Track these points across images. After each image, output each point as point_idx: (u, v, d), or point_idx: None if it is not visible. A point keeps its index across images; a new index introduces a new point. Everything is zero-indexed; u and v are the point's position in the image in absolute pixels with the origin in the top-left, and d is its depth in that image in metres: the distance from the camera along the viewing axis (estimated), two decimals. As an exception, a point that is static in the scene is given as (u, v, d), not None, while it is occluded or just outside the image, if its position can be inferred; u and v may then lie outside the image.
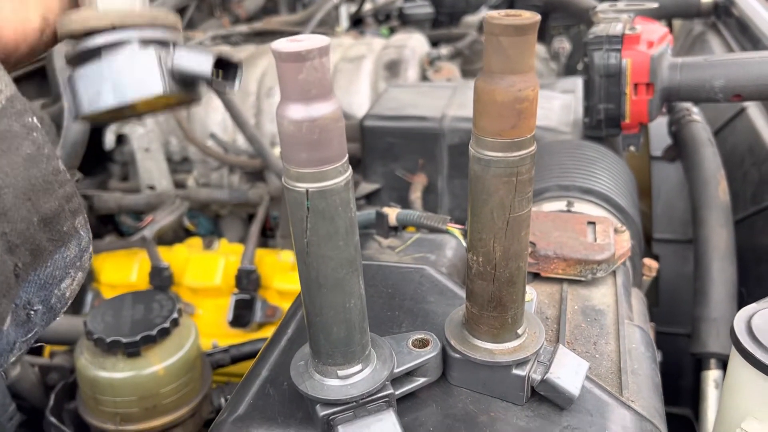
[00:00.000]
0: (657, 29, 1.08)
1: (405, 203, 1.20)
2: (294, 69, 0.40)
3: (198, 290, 1.50)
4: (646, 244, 1.56)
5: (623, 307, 0.74)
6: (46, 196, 0.42)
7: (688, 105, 1.33)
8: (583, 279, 0.76)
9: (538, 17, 0.43)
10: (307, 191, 0.43)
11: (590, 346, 0.68)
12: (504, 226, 0.49)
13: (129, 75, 0.51)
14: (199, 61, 0.52)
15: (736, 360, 0.65)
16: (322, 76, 0.41)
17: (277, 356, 0.62)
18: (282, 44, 0.40)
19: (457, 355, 0.54)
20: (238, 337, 1.43)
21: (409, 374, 0.54)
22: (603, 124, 1.07)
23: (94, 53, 0.52)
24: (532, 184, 0.49)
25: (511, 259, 0.50)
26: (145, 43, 0.52)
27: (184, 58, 0.52)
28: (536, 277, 0.78)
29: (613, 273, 0.79)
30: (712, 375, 1.03)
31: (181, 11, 2.25)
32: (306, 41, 0.40)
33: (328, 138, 0.42)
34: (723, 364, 1.03)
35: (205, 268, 1.49)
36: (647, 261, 0.91)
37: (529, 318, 0.57)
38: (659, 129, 1.55)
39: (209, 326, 1.48)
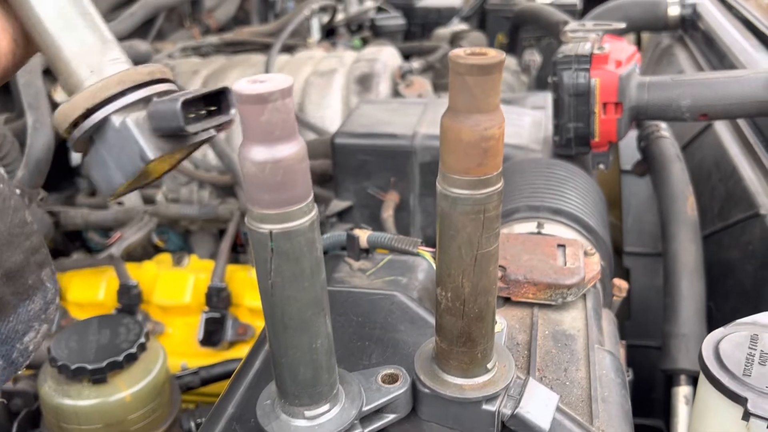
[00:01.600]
0: (625, 48, 1.09)
1: (377, 221, 1.19)
2: (256, 111, 0.39)
3: (167, 308, 1.48)
4: (617, 256, 1.58)
5: (593, 332, 0.74)
6: (10, 249, 0.41)
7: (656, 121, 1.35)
8: (553, 303, 0.76)
9: (503, 56, 0.43)
10: (270, 232, 0.42)
11: (561, 373, 0.67)
12: (472, 263, 0.48)
13: (120, 151, 0.51)
14: (168, 116, 0.52)
15: (704, 385, 0.66)
16: (286, 116, 0.40)
17: (243, 392, 0.60)
18: (243, 86, 0.39)
19: (427, 391, 0.53)
20: (208, 356, 1.41)
21: (379, 411, 0.54)
22: (572, 142, 1.07)
23: (89, 140, 0.52)
24: (500, 220, 0.48)
25: (480, 295, 0.50)
26: (122, 112, 0.52)
27: (155, 118, 0.52)
28: (507, 301, 0.78)
29: (584, 296, 0.79)
30: (682, 391, 1.04)
31: (150, 22, 2.22)
32: (268, 82, 0.39)
33: (292, 179, 0.41)
34: (693, 380, 1.04)
35: (175, 286, 1.47)
36: (617, 281, 0.91)
37: (499, 351, 0.56)
38: (629, 143, 1.56)
39: (179, 345, 1.46)
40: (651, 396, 1.36)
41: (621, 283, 0.91)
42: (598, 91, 1.02)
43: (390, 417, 0.54)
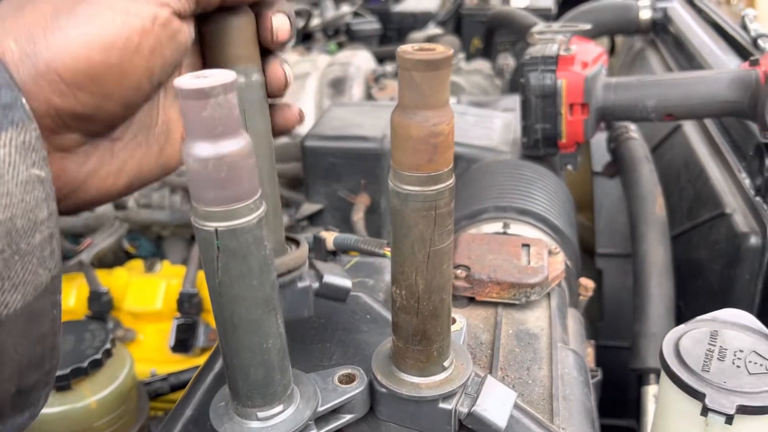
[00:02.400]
0: (592, 50, 1.10)
1: (348, 223, 1.19)
2: (198, 106, 0.38)
3: (139, 315, 1.46)
4: (590, 257, 1.59)
5: (557, 330, 0.74)
6: (33, 371, 0.40)
7: (626, 122, 1.36)
8: (517, 302, 0.76)
9: (450, 52, 0.43)
10: (216, 230, 0.41)
11: (523, 371, 0.67)
12: (425, 260, 0.48)
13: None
14: (339, 291, 0.62)
15: (665, 382, 0.66)
16: (228, 112, 0.39)
17: (202, 394, 0.60)
18: (185, 81, 0.39)
19: (384, 390, 0.53)
20: (180, 362, 1.39)
21: (336, 411, 0.53)
22: (540, 143, 1.08)
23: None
24: (452, 217, 0.48)
25: (434, 292, 0.49)
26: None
27: (328, 288, 0.61)
28: (472, 301, 0.78)
29: (548, 295, 0.79)
30: (651, 390, 1.05)
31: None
32: (210, 77, 0.39)
33: (237, 175, 0.40)
34: (662, 379, 1.04)
35: (146, 292, 1.45)
36: (583, 281, 0.92)
37: (457, 349, 0.56)
38: (600, 144, 1.58)
39: (151, 352, 1.44)
40: (625, 396, 1.36)
41: (587, 283, 0.92)
42: (565, 92, 1.03)
43: (347, 417, 0.53)
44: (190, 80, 0.39)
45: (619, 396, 1.31)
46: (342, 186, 1.20)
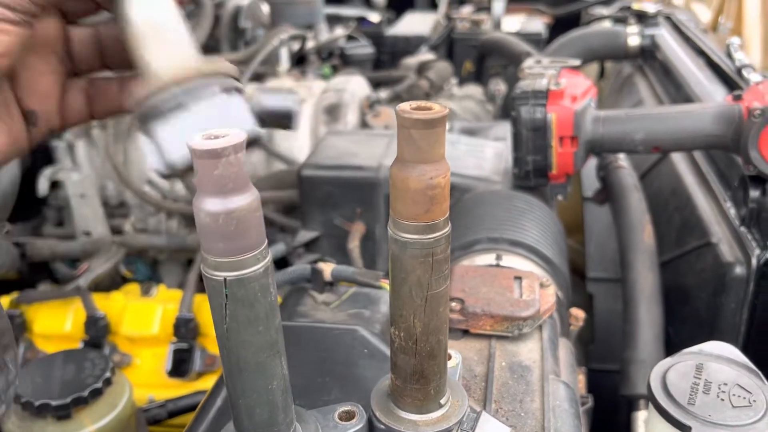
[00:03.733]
0: (581, 83, 1.14)
1: (343, 251, 1.21)
2: (210, 165, 0.41)
3: (135, 339, 1.47)
4: (581, 281, 1.61)
5: (549, 362, 0.76)
6: None
7: (614, 151, 1.39)
8: (510, 335, 0.78)
9: (446, 111, 0.46)
10: (225, 280, 0.43)
11: (516, 404, 0.70)
12: (423, 303, 0.50)
13: (218, 121, 0.54)
14: (284, 99, 0.57)
15: (653, 414, 0.68)
16: (238, 170, 0.42)
17: (204, 429, 0.61)
18: (198, 142, 0.41)
19: (382, 427, 0.55)
20: (177, 387, 1.40)
21: (335, 447, 0.55)
22: (531, 174, 1.11)
23: (178, 106, 0.55)
24: (448, 263, 0.50)
25: (431, 334, 0.52)
26: (227, 90, 0.56)
27: (270, 99, 0.57)
28: (465, 333, 0.80)
29: (540, 327, 0.81)
30: (641, 416, 1.07)
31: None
32: (222, 138, 0.41)
33: (245, 228, 0.43)
34: (651, 405, 1.07)
35: (143, 317, 1.47)
36: (574, 311, 0.94)
37: (453, 386, 0.58)
38: (590, 171, 1.61)
39: (147, 376, 1.45)
40: (616, 419, 1.38)
41: (578, 313, 0.94)
42: (555, 126, 1.06)
43: (347, 454, 0.55)
44: (202, 141, 0.41)
45: (609, 419, 1.33)
46: (338, 214, 1.22)
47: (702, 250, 1.12)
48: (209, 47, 2.79)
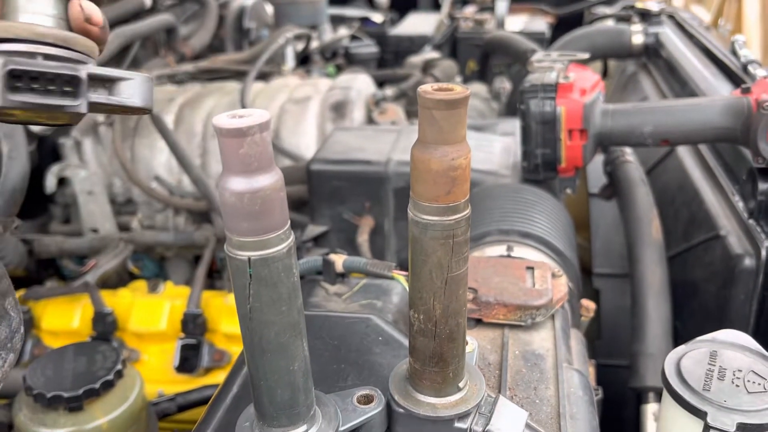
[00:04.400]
0: (589, 77, 1.14)
1: (352, 245, 1.21)
2: (235, 144, 0.41)
3: (143, 335, 1.47)
4: (587, 277, 1.61)
5: (562, 351, 0.76)
6: None
7: (621, 146, 1.39)
8: (523, 324, 0.79)
9: (468, 92, 0.46)
10: (249, 259, 0.44)
11: (531, 391, 0.70)
12: (443, 286, 0.51)
13: None
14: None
15: (667, 401, 0.69)
16: (263, 149, 0.42)
17: (222, 415, 0.62)
18: (223, 120, 0.41)
19: (401, 410, 0.55)
20: (184, 382, 1.40)
21: (355, 431, 0.55)
22: (540, 168, 1.11)
23: None
24: (468, 245, 0.51)
25: (451, 317, 0.52)
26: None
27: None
28: (479, 322, 0.80)
29: (552, 317, 0.81)
30: (650, 408, 1.07)
31: (125, 50, 2.24)
32: (247, 117, 0.41)
33: (270, 208, 0.43)
34: (661, 397, 1.07)
35: (150, 313, 1.47)
36: (585, 302, 0.94)
37: (470, 370, 0.58)
38: (596, 167, 1.61)
39: (155, 372, 1.45)
40: (623, 414, 1.39)
41: (588, 304, 0.94)
42: (564, 119, 1.06)
43: (365, 437, 0.56)
44: (227, 120, 0.41)
45: (616, 414, 1.33)
46: (346, 208, 1.22)
47: (710, 243, 1.12)
48: (214, 47, 2.81)
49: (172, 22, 2.32)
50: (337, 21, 3.15)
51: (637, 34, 2.08)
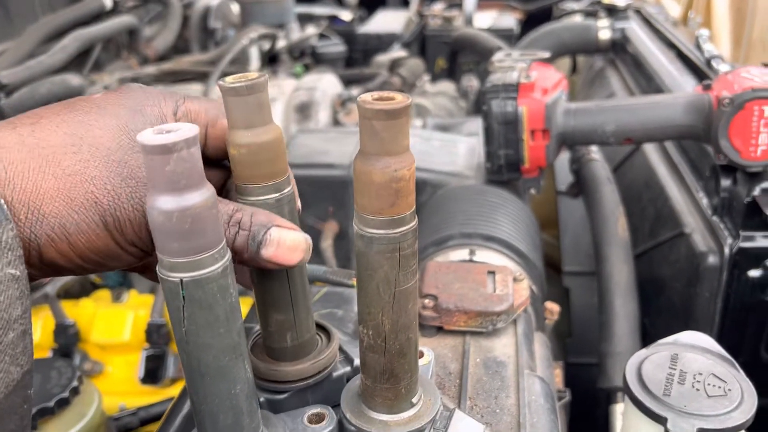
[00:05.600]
0: (552, 76, 1.13)
1: (317, 251, 1.19)
2: (161, 161, 0.39)
3: (106, 346, 1.44)
4: (557, 274, 1.61)
5: (524, 357, 0.75)
6: (7, 420, 0.40)
7: (586, 144, 1.39)
8: (484, 330, 0.77)
9: (409, 101, 0.44)
10: (181, 281, 0.41)
11: (491, 400, 0.68)
12: (390, 300, 0.49)
13: None
14: None
15: (628, 406, 0.68)
16: (192, 165, 0.40)
17: (171, 436, 0.59)
18: (147, 136, 0.39)
19: (353, 429, 0.53)
20: (150, 394, 1.37)
21: (305, 451, 0.53)
22: (504, 169, 1.10)
23: None
24: (416, 257, 0.49)
25: (401, 331, 0.50)
26: None
27: None
28: (440, 330, 0.79)
29: (515, 321, 0.80)
30: (619, 408, 1.07)
31: (86, 53, 2.19)
32: (173, 132, 0.39)
33: (201, 227, 0.41)
34: (629, 397, 1.06)
35: (113, 323, 1.43)
36: (549, 305, 0.93)
37: (425, 384, 0.57)
38: (564, 164, 1.61)
39: (120, 384, 1.42)
40: (596, 413, 1.39)
41: (553, 306, 0.93)
42: (526, 119, 1.05)
43: (317, 457, 0.54)
44: (152, 136, 0.39)
45: (588, 412, 1.33)
46: (310, 214, 1.20)
47: (675, 241, 1.12)
48: (179, 49, 2.76)
49: (134, 23, 2.28)
50: (305, 19, 3.12)
51: (604, 30, 2.08)
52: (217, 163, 0.56)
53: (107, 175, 0.46)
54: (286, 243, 0.49)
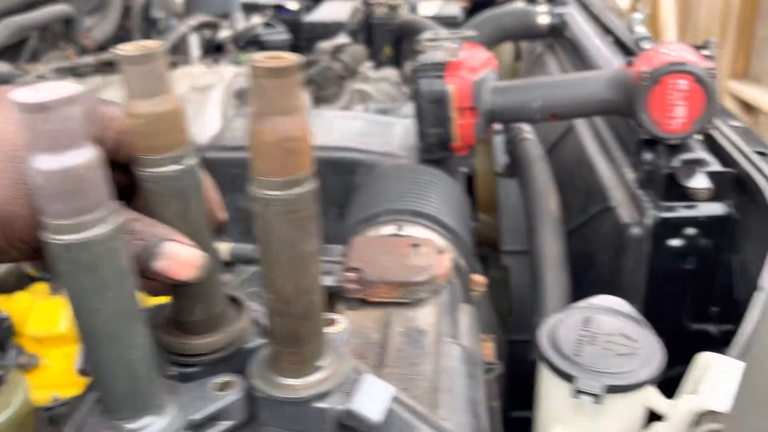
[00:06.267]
0: (480, 55, 1.14)
1: (251, 234, 1.18)
2: (40, 119, 0.38)
3: (42, 339, 1.41)
4: (498, 255, 1.64)
5: (445, 326, 0.76)
6: None
7: (520, 124, 1.41)
8: (407, 301, 0.78)
9: (297, 59, 0.44)
10: (66, 244, 0.41)
11: (410, 367, 0.69)
12: (290, 263, 0.49)
13: None
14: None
15: (542, 368, 0.69)
16: (73, 124, 0.39)
17: (85, 411, 0.58)
18: (25, 94, 0.38)
19: (261, 395, 0.54)
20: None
21: (214, 419, 0.53)
22: (435, 147, 1.11)
23: None
24: (316, 220, 0.49)
25: (303, 294, 0.51)
26: None
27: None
28: (364, 302, 0.79)
29: (438, 292, 0.81)
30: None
31: (21, 42, 2.13)
32: (52, 90, 0.39)
33: (84, 187, 0.40)
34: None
35: (49, 315, 1.40)
36: (475, 277, 0.95)
37: (336, 349, 0.57)
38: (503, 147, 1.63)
39: (57, 377, 1.39)
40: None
41: (479, 279, 0.95)
42: (454, 97, 1.06)
43: (225, 425, 0.54)
44: (30, 93, 0.38)
45: (529, 389, 1.36)
46: (244, 197, 1.19)
47: (603, 215, 1.15)
48: (120, 38, 2.70)
49: (70, 12, 2.22)
50: (250, 9, 3.08)
51: (543, 15, 2.11)
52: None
53: (6, 170, 0.45)
54: (179, 258, 0.48)
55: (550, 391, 0.68)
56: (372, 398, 0.54)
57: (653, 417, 0.68)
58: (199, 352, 0.56)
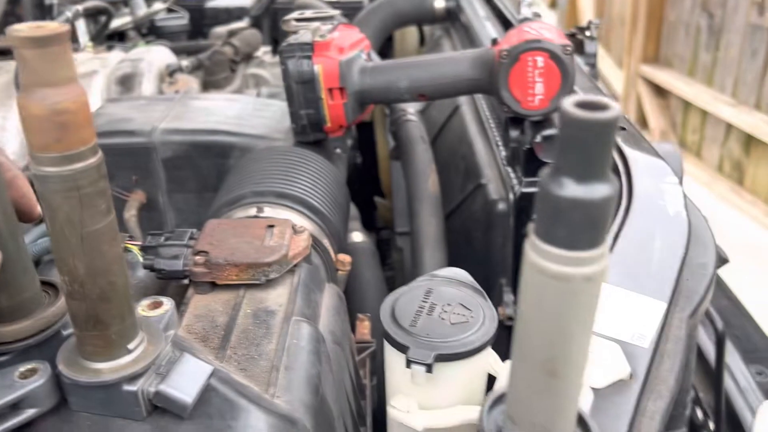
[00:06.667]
0: (351, 35, 1.14)
1: (120, 222, 1.15)
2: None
3: None
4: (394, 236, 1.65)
5: (296, 305, 0.76)
6: None
7: (403, 105, 1.42)
8: (258, 282, 0.77)
9: (63, 29, 0.43)
10: None
11: (252, 348, 0.69)
12: (79, 243, 0.47)
13: None
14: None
15: (384, 341, 0.70)
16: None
17: None
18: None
19: (67, 380, 0.52)
20: None
21: (16, 407, 0.51)
22: (308, 129, 1.10)
23: None
24: (105, 197, 0.48)
25: (99, 276, 0.49)
26: None
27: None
28: (214, 285, 0.78)
29: (292, 272, 0.81)
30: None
31: None
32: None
33: None
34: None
35: None
36: (341, 257, 0.95)
37: (152, 331, 0.56)
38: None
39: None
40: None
41: (344, 258, 0.95)
42: (322, 78, 1.05)
43: (30, 412, 0.52)
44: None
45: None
46: (114, 184, 1.15)
47: (475, 193, 1.17)
48: (10, 24, 2.57)
49: (-54, -4, 2.09)
50: (152, -5, 2.98)
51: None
52: None
53: None
54: None
55: (390, 363, 0.69)
56: (187, 379, 0.54)
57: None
58: (6, 340, 0.54)
